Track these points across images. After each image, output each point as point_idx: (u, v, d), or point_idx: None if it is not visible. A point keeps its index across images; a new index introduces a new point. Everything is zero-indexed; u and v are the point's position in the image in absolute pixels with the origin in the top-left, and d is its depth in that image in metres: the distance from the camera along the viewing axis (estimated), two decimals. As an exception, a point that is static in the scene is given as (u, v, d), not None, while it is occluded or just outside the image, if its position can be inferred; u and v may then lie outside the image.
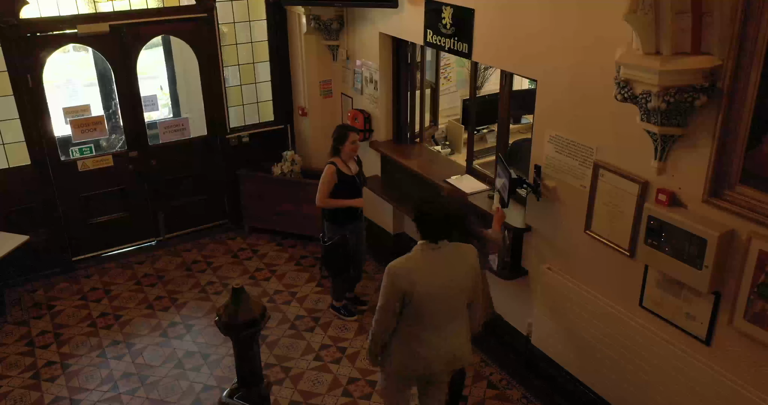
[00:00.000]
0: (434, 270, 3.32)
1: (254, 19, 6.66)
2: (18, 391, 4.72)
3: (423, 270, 3.31)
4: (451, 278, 3.35)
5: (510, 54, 4.44)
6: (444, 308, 3.38)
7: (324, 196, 5.00)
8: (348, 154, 5.01)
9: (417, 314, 3.35)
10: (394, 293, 3.30)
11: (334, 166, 4.97)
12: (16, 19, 5.49)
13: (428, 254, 3.33)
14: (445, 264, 3.35)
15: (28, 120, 5.75)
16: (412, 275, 3.29)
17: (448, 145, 6.52)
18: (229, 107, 6.75)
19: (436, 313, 3.37)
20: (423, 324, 3.38)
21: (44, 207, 6.02)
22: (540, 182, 4.31)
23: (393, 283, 3.29)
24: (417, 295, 3.28)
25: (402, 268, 3.31)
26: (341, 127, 5.15)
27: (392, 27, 5.66)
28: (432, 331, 3.40)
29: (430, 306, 3.33)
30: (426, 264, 3.32)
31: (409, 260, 3.35)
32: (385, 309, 3.36)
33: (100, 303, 5.75)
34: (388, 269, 3.33)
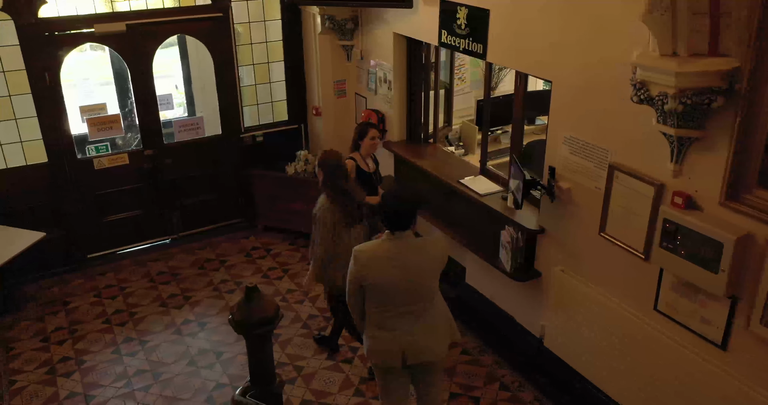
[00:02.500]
0: (392, 258, 3.42)
1: (269, 19, 6.69)
2: (34, 387, 4.77)
3: (381, 257, 3.43)
4: (409, 271, 3.42)
5: (525, 55, 4.42)
6: (403, 298, 3.46)
7: None
8: (367, 149, 5.09)
9: (377, 299, 3.48)
10: (353, 275, 3.46)
11: (353, 160, 5.04)
12: (35, 18, 5.55)
13: (390, 243, 3.46)
14: (404, 254, 3.43)
15: (45, 118, 5.82)
16: (370, 260, 3.43)
17: (462, 145, 6.50)
18: (244, 107, 6.79)
19: (396, 302, 3.46)
20: (385, 311, 3.50)
21: (61, 204, 6.08)
22: (554, 184, 4.29)
23: (353, 266, 3.47)
24: (373, 279, 3.42)
25: (363, 252, 3.47)
26: (362, 124, 5.25)
27: (407, 27, 5.66)
28: (393, 320, 3.50)
29: (388, 293, 3.44)
30: (385, 252, 3.44)
31: (373, 246, 3.52)
32: (349, 292, 3.56)
33: (114, 300, 5.80)
34: (354, 251, 3.49)
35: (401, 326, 3.51)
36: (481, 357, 5.01)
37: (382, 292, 3.45)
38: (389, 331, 3.52)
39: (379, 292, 3.45)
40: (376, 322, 3.55)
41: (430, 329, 3.57)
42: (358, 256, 3.46)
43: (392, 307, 3.48)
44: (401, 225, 3.42)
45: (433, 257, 3.51)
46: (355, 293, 3.52)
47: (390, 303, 3.47)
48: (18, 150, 5.87)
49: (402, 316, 3.50)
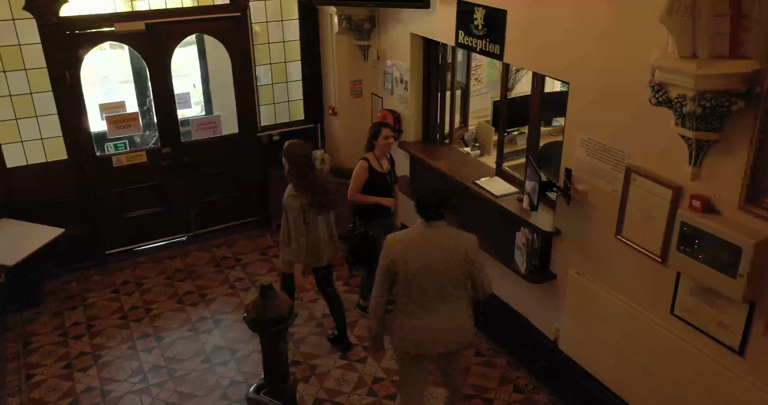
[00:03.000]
0: (424, 247, 3.55)
1: (286, 19, 6.72)
2: (52, 381, 4.84)
3: (412, 245, 3.57)
4: (439, 259, 3.54)
5: (542, 56, 4.40)
6: (433, 287, 3.57)
7: (355, 190, 5.07)
8: (381, 149, 5.06)
9: (406, 286, 3.59)
10: (385, 261, 3.59)
11: (366, 161, 5.04)
12: (56, 16, 5.63)
13: (422, 232, 3.60)
14: (436, 244, 3.56)
15: (65, 115, 5.89)
16: (402, 247, 3.56)
17: (478, 146, 6.49)
18: (261, 106, 6.83)
19: (426, 291, 3.58)
20: (414, 300, 3.61)
21: (80, 201, 6.16)
22: (570, 186, 4.27)
23: (385, 252, 3.60)
24: (403, 266, 3.54)
25: (395, 240, 3.62)
26: (375, 124, 5.23)
27: (423, 27, 5.66)
28: (422, 309, 3.62)
29: (420, 280, 3.55)
30: (416, 240, 3.58)
31: (405, 234, 3.67)
32: (379, 275, 3.64)
33: (131, 296, 5.86)
34: (387, 238, 3.64)
35: (432, 315, 3.63)
36: (495, 359, 5.00)
37: (414, 279, 3.55)
38: (420, 320, 3.63)
39: (411, 279, 3.55)
40: (407, 312, 3.65)
41: (458, 317, 3.69)
42: (391, 243, 3.59)
43: (423, 296, 3.59)
44: (436, 215, 3.57)
45: (463, 252, 3.60)
46: (384, 277, 3.62)
47: (421, 291, 3.58)
48: (39, 147, 5.95)
49: (432, 305, 3.61)
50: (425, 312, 3.63)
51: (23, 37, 5.60)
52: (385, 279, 3.63)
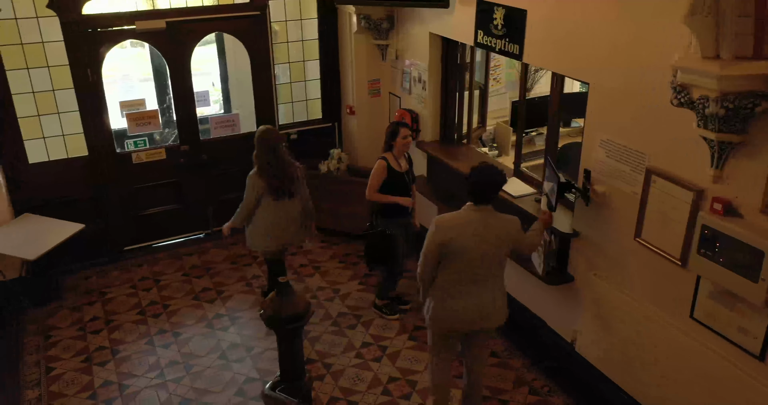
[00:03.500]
0: (471, 229, 3.69)
1: (305, 18, 6.74)
2: (70, 374, 4.89)
3: (462, 226, 3.70)
4: (486, 240, 3.69)
5: (562, 56, 4.37)
6: (477, 266, 3.72)
7: (373, 189, 5.08)
8: (400, 149, 5.08)
9: (451, 266, 3.72)
10: (434, 241, 3.71)
11: (384, 161, 5.05)
12: (79, 14, 5.69)
13: (470, 214, 3.73)
14: (484, 226, 3.70)
15: (86, 113, 5.96)
16: (451, 228, 3.70)
17: (496, 146, 6.47)
18: (279, 104, 6.86)
19: (469, 269, 3.72)
20: (457, 277, 3.75)
21: (99, 197, 6.23)
22: (589, 187, 4.24)
23: (434, 232, 3.72)
24: (451, 246, 3.67)
25: (444, 220, 3.75)
26: (393, 123, 5.23)
27: (442, 27, 5.65)
28: (464, 286, 3.76)
29: (464, 260, 3.69)
30: (466, 222, 3.71)
31: (453, 216, 3.79)
32: (425, 254, 3.77)
33: (149, 292, 5.91)
34: (435, 220, 3.77)
35: (471, 294, 3.77)
36: (510, 360, 4.98)
37: (458, 258, 3.69)
38: (459, 298, 3.78)
39: (456, 258, 3.69)
40: (447, 291, 3.79)
41: (494, 298, 3.84)
42: (441, 223, 3.73)
43: (465, 275, 3.74)
44: (485, 198, 3.71)
45: (509, 232, 3.78)
46: (432, 258, 3.74)
47: (464, 270, 3.72)
48: (60, 143, 6.02)
49: (472, 284, 3.76)
50: (468, 291, 3.77)
51: (46, 34, 5.67)
52: (431, 258, 3.75)
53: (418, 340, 5.19)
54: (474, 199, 3.72)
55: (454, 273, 3.75)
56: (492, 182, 3.74)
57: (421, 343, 5.16)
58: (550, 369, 4.82)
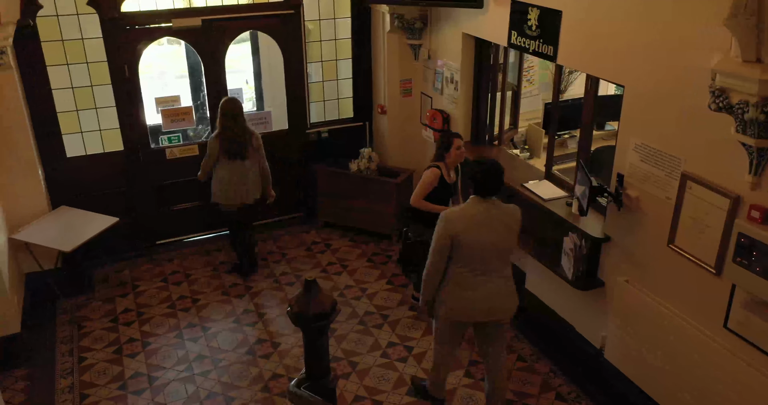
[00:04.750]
0: (481, 220, 3.79)
1: (339, 17, 6.77)
2: (102, 365, 5.00)
3: (472, 219, 3.79)
4: (496, 230, 3.80)
5: (597, 58, 4.31)
6: (488, 256, 3.82)
7: (420, 197, 4.94)
8: (453, 160, 4.94)
9: (465, 259, 3.80)
10: (445, 236, 3.77)
11: (438, 170, 4.91)
12: (118, 12, 5.80)
13: (478, 206, 3.82)
14: (492, 217, 3.81)
15: (123, 108, 6.07)
16: (462, 221, 3.77)
17: (527, 149, 6.41)
18: (311, 103, 6.90)
19: (482, 260, 3.81)
20: (470, 269, 3.82)
21: (134, 191, 6.34)
22: (622, 191, 4.17)
23: (445, 227, 3.78)
24: (464, 239, 3.74)
25: (454, 214, 3.83)
26: (446, 133, 5.12)
27: (476, 27, 5.61)
28: (478, 277, 3.83)
29: (476, 252, 3.78)
30: (475, 214, 3.80)
31: (462, 210, 3.87)
32: (436, 250, 3.83)
33: (179, 286, 6.00)
34: (443, 215, 3.83)
35: (483, 285, 3.84)
36: (537, 364, 4.93)
37: (470, 250, 3.77)
38: (473, 290, 3.84)
39: (468, 250, 3.77)
40: (459, 283, 3.86)
41: (505, 288, 3.92)
42: (451, 217, 3.80)
43: (476, 267, 3.81)
44: (491, 190, 3.81)
45: (515, 221, 3.88)
46: (444, 252, 3.80)
47: (475, 262, 3.80)
48: (97, 138, 6.15)
49: (484, 276, 3.84)
50: (480, 282, 3.84)
51: (86, 31, 5.79)
52: (444, 253, 3.81)
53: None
54: (482, 193, 3.82)
55: (466, 265, 3.82)
56: (498, 175, 3.83)
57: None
58: (578, 375, 4.76)
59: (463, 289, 3.86)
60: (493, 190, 3.83)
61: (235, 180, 5.66)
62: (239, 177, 5.67)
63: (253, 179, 5.75)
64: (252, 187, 5.77)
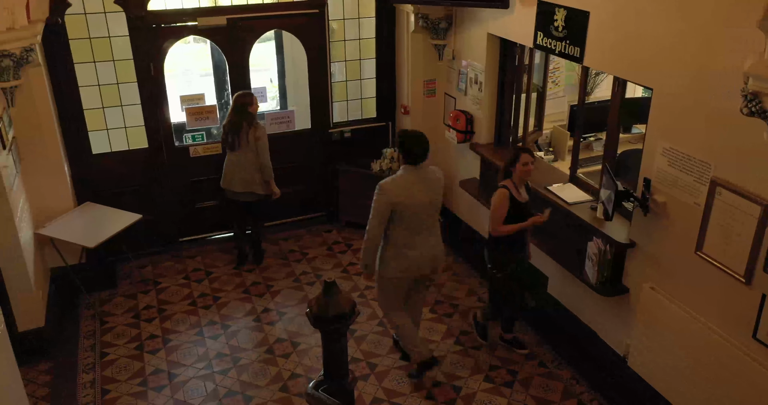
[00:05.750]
0: (415, 186, 4.28)
1: (363, 16, 6.75)
2: (123, 360, 5.04)
3: (407, 186, 4.27)
4: (428, 192, 4.34)
5: (625, 60, 4.23)
6: (424, 217, 4.34)
7: (499, 223, 4.52)
8: (520, 176, 4.54)
9: (404, 222, 4.29)
10: (384, 204, 4.24)
11: (507, 190, 4.51)
12: (144, 10, 5.85)
13: (411, 173, 4.31)
14: (424, 181, 4.34)
15: (148, 106, 6.13)
16: (399, 190, 4.24)
17: (552, 151, 6.33)
18: (334, 102, 6.89)
19: (419, 221, 4.33)
20: (409, 230, 4.33)
21: (158, 188, 6.40)
22: (648, 196, 4.09)
23: (385, 197, 4.24)
24: (402, 205, 4.23)
25: (390, 184, 4.28)
26: (513, 149, 4.77)
27: (501, 28, 5.55)
28: (417, 236, 4.35)
29: (414, 214, 4.28)
30: (409, 181, 4.29)
31: (397, 179, 4.32)
32: (376, 218, 4.29)
33: (201, 283, 6.03)
34: (380, 186, 4.28)
35: (423, 242, 4.38)
36: (558, 371, 4.86)
37: (410, 212, 4.27)
38: (414, 248, 4.37)
39: (408, 213, 4.26)
40: (403, 243, 4.36)
41: (438, 242, 4.51)
42: (387, 187, 4.25)
43: (415, 227, 4.32)
44: (420, 157, 4.29)
45: (440, 181, 4.44)
46: (383, 218, 4.27)
47: (414, 223, 4.31)
48: (122, 135, 6.21)
49: (423, 233, 4.37)
50: (418, 241, 4.36)
51: (113, 29, 5.85)
52: (384, 221, 4.28)
53: (464, 345, 5.13)
54: (413, 161, 4.28)
55: (406, 228, 4.31)
56: (424, 143, 4.31)
57: (468, 348, 5.11)
58: (600, 382, 4.69)
59: (405, 248, 4.35)
60: (421, 156, 4.29)
61: (229, 168, 5.96)
62: (233, 166, 5.92)
63: (247, 170, 5.90)
64: (246, 177, 5.92)
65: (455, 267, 6.23)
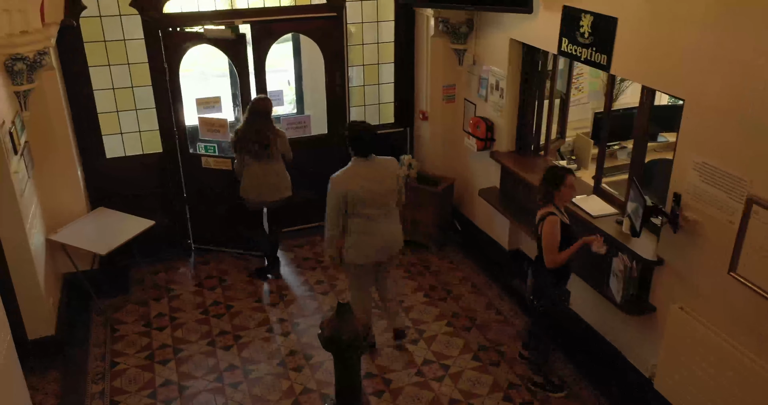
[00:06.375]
0: (367, 175, 4.45)
1: (382, 20, 6.61)
2: (133, 371, 4.94)
3: (356, 177, 4.43)
4: (380, 183, 4.49)
5: (655, 68, 4.05)
6: (379, 205, 4.51)
7: (555, 253, 4.16)
8: (564, 200, 4.24)
9: (359, 211, 4.47)
10: (338, 197, 4.43)
11: (557, 217, 4.17)
12: (159, 13, 5.75)
13: (361, 166, 4.48)
14: (375, 172, 4.48)
15: (163, 110, 6.03)
16: (348, 181, 4.42)
17: (574, 160, 6.12)
18: (351, 107, 6.75)
19: (375, 210, 4.50)
20: (365, 219, 4.51)
21: (171, 194, 6.31)
22: (679, 213, 3.90)
23: (333, 188, 4.44)
24: (354, 195, 4.39)
25: (341, 177, 4.47)
26: (555, 169, 4.30)
27: (524, 33, 5.39)
28: (373, 224, 4.54)
29: (366, 204, 4.45)
30: (359, 173, 4.45)
31: (347, 171, 4.49)
32: (332, 210, 4.50)
33: (214, 291, 5.93)
34: (331, 179, 4.47)
35: (379, 228, 4.57)
36: (581, 391, 4.68)
37: (363, 202, 4.43)
38: (372, 235, 4.56)
39: (361, 202, 4.43)
40: (360, 230, 4.55)
41: (396, 227, 4.72)
42: (338, 180, 4.44)
43: (372, 215, 4.50)
44: (370, 150, 4.47)
45: (393, 171, 4.60)
46: (339, 210, 4.47)
47: (371, 212, 4.48)
48: (136, 139, 6.13)
49: (378, 220, 4.54)
50: (375, 227, 4.55)
51: (128, 32, 5.77)
52: (340, 211, 4.47)
53: (482, 361, 4.97)
54: (363, 153, 4.45)
55: (363, 216, 4.48)
56: (373, 135, 4.49)
57: (486, 364, 4.95)
58: (625, 404, 4.50)
59: (366, 235, 4.55)
60: (370, 148, 4.45)
61: (257, 180, 5.69)
62: (261, 177, 5.68)
63: (279, 175, 5.75)
64: (276, 183, 5.75)
65: (473, 278, 6.06)
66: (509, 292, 5.79)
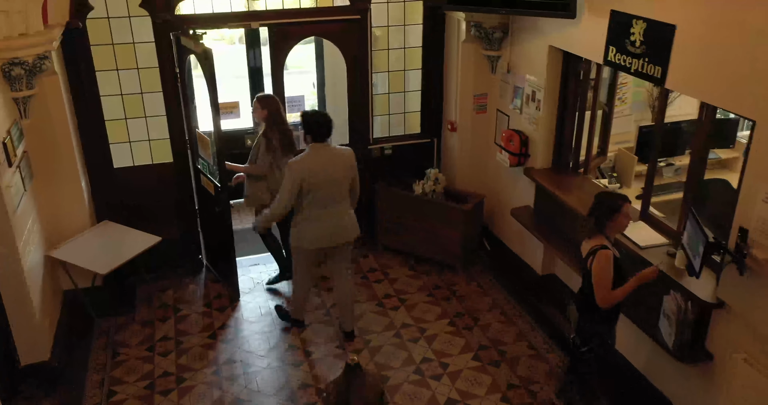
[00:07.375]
0: (322, 163, 4.52)
1: (410, 24, 6.16)
2: (131, 402, 4.57)
3: (314, 163, 4.51)
4: (335, 170, 4.56)
5: (719, 84, 3.54)
6: (332, 192, 4.59)
7: (607, 289, 3.69)
8: (617, 230, 3.81)
9: (313, 197, 4.54)
10: (294, 180, 4.49)
11: (610, 251, 3.70)
12: (171, 14, 5.39)
13: (318, 151, 4.56)
14: (330, 159, 4.57)
15: (173, 117, 5.68)
16: (305, 166, 4.49)
17: (616, 177, 5.62)
18: (375, 116, 6.32)
19: (327, 195, 4.58)
20: (318, 204, 4.58)
21: (180, 206, 5.96)
22: (746, 251, 3.39)
23: (293, 174, 4.49)
24: (313, 180, 4.48)
25: (299, 163, 4.53)
26: (608, 195, 3.86)
27: (565, 40, 4.90)
28: (328, 210, 4.62)
29: (321, 189, 4.53)
30: (316, 159, 4.53)
31: (303, 157, 4.57)
32: (287, 191, 4.55)
33: (223, 312, 5.55)
34: (289, 165, 4.54)
35: (329, 215, 4.64)
36: (623, 441, 4.20)
37: (317, 188, 4.49)
38: (321, 221, 4.64)
39: (315, 188, 4.49)
40: (309, 216, 4.64)
41: (348, 216, 4.76)
42: (295, 166, 4.49)
43: (324, 202, 4.57)
44: (325, 135, 4.57)
45: (348, 159, 4.66)
46: (293, 195, 4.53)
47: (323, 198, 4.55)
48: (146, 148, 5.77)
49: (329, 207, 4.61)
50: (327, 214, 4.62)
51: (137, 35, 5.41)
52: (292, 197, 4.54)
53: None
54: (319, 138, 4.53)
55: (315, 202, 4.55)
56: (328, 122, 4.57)
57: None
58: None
59: (316, 221, 4.62)
60: (326, 134, 4.55)
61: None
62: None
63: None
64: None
65: (503, 304, 5.58)
66: (541, 322, 5.30)
